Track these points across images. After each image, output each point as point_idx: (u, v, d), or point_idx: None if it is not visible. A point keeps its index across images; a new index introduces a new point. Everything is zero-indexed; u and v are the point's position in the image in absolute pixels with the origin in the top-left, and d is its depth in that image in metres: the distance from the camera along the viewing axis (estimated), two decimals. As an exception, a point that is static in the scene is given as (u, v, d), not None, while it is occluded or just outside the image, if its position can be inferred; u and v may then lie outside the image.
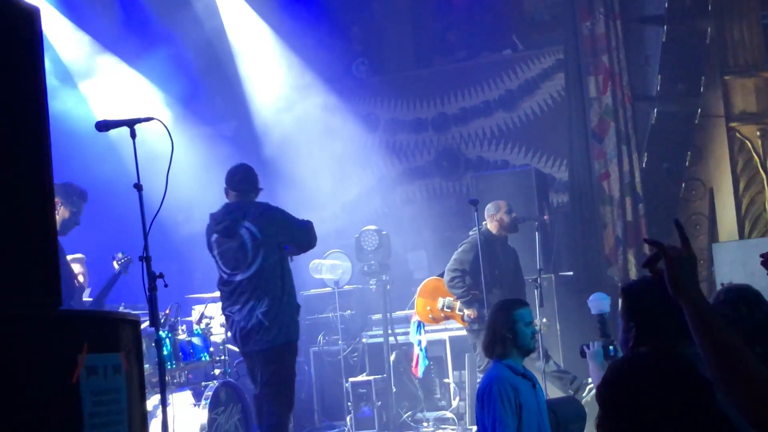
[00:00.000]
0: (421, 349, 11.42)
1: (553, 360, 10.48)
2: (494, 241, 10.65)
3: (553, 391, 10.17)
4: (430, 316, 11.11)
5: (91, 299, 8.77)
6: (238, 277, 8.16)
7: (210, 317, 9.51)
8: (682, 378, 2.70)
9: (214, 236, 8.32)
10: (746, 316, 4.43)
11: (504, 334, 6.22)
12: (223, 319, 10.08)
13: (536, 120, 14.25)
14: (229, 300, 8.20)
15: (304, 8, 13.95)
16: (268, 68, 14.12)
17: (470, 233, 10.68)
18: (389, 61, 15.37)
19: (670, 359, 2.78)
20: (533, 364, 9.40)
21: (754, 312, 4.49)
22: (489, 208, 10.76)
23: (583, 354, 6.17)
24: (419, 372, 11.50)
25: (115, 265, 8.45)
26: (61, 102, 11.24)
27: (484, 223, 10.74)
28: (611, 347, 6.00)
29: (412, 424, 11.70)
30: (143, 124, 6.13)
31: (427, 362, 11.43)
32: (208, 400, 8.37)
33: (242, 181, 8.50)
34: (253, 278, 8.14)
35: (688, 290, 2.74)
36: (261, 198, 8.65)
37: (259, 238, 8.15)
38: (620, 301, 4.07)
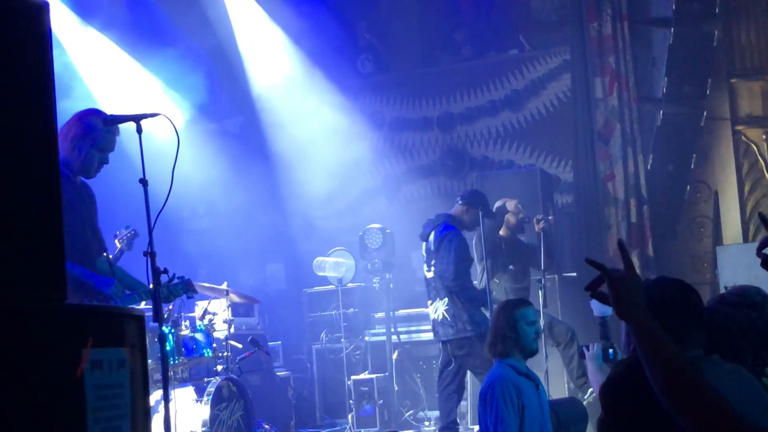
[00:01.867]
0: None
1: (578, 345, 10.31)
2: (500, 240, 10.57)
3: (555, 391, 10.18)
4: None
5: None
6: (427, 276, 9.75)
7: (213, 313, 9.50)
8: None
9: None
10: (755, 319, 4.42)
11: (505, 334, 6.21)
12: (226, 315, 10.12)
13: (542, 120, 14.24)
14: (427, 294, 9.88)
15: (310, 4, 13.96)
16: (275, 64, 14.14)
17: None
18: (395, 60, 15.37)
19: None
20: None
21: (762, 315, 4.48)
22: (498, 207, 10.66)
23: (582, 355, 6.17)
24: None
25: (117, 243, 8.31)
26: (68, 97, 11.25)
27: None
28: (611, 350, 5.99)
29: (413, 422, 11.71)
30: (149, 119, 6.12)
31: None
32: (211, 396, 8.37)
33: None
34: (434, 279, 9.64)
35: (633, 311, 2.74)
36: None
37: (434, 247, 9.62)
38: None
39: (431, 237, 9.71)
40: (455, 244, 9.49)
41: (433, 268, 9.65)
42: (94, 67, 12.37)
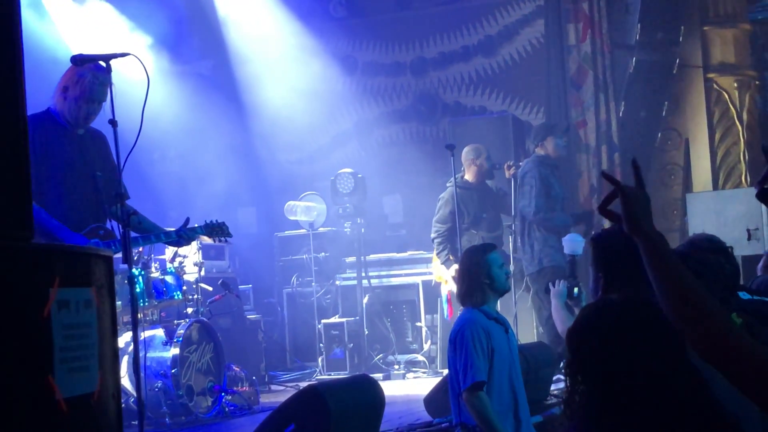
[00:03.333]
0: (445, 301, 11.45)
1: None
2: (471, 189, 10.67)
3: (524, 336, 10.26)
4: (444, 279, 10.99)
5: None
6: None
7: (183, 256, 9.47)
8: (653, 325, 2.72)
9: None
10: (724, 264, 4.48)
11: (481, 281, 6.22)
12: (196, 257, 10.10)
13: (515, 66, 14.21)
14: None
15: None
16: (247, 7, 14.02)
17: (447, 185, 10.66)
18: (368, 3, 15.24)
19: (641, 306, 2.80)
20: None
21: (730, 260, 4.54)
22: (468, 152, 10.77)
23: (547, 291, 6.24)
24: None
25: None
26: (36, 37, 11.12)
27: (463, 169, 10.76)
28: (576, 288, 6.05)
29: (383, 366, 11.77)
30: (119, 59, 6.06)
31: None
32: (180, 339, 8.38)
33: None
34: (516, 214, 10.33)
35: (644, 226, 2.77)
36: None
37: (518, 183, 10.27)
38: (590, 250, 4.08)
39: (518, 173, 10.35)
40: (536, 181, 10.10)
41: (514, 203, 10.33)
42: (63, 7, 12.21)
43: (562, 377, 8.46)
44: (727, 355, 2.50)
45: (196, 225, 7.15)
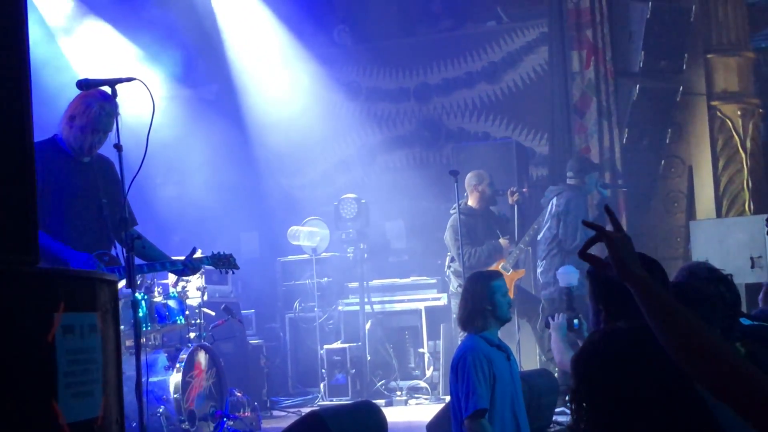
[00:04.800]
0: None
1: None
2: (476, 215, 10.69)
3: (527, 363, 10.24)
4: None
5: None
6: (539, 237, 10.73)
7: (186, 280, 9.46)
8: (659, 353, 2.71)
9: None
10: (725, 293, 4.46)
11: (483, 307, 6.21)
12: (199, 282, 10.10)
13: (518, 93, 14.22)
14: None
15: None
16: (251, 32, 14.07)
17: (451, 211, 10.67)
18: (372, 30, 15.29)
19: (648, 334, 2.79)
20: None
21: (731, 289, 4.53)
22: (471, 178, 10.79)
23: (547, 325, 6.23)
24: None
25: None
26: (43, 61, 11.16)
27: (466, 195, 10.77)
28: (575, 320, 6.05)
29: (385, 392, 11.74)
30: (125, 84, 6.08)
31: None
32: (183, 363, 8.36)
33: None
34: (542, 240, 10.64)
35: (635, 271, 2.73)
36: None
37: (552, 211, 10.53)
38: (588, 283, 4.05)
39: (554, 201, 10.53)
40: (581, 212, 10.34)
41: (544, 231, 10.55)
42: (70, 32, 12.26)
43: (566, 409, 8.49)
44: (733, 391, 2.48)
45: (201, 253, 7.12)
